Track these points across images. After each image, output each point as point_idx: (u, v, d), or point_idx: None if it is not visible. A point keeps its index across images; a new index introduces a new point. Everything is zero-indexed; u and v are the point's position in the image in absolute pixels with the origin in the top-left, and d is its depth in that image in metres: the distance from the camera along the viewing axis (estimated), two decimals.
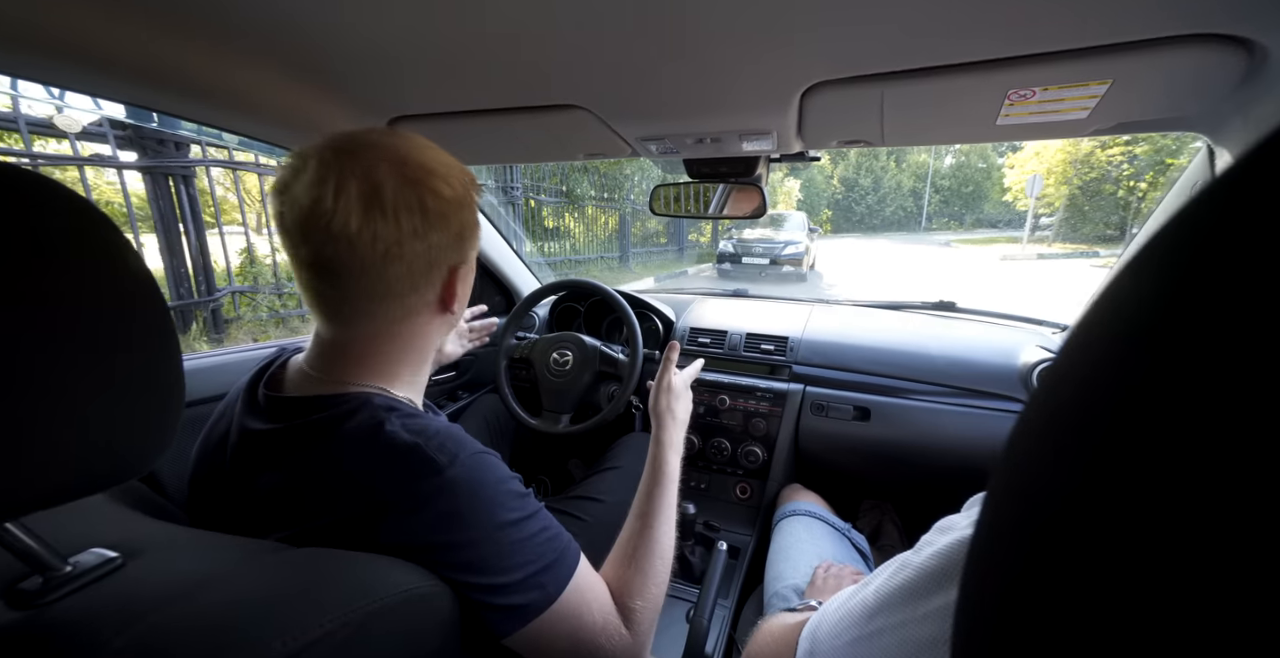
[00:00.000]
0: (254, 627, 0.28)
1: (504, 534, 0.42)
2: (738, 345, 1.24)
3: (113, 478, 0.29)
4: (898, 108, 0.58)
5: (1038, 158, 14.32)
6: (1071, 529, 0.11)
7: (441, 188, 0.45)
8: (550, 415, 1.12)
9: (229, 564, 0.33)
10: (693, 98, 0.62)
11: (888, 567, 0.37)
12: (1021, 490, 0.14)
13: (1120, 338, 0.12)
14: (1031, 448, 0.14)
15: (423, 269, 0.46)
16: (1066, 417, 0.12)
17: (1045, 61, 0.47)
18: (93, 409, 0.27)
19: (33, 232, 0.25)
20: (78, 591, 0.29)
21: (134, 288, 0.29)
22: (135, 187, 2.77)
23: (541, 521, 0.46)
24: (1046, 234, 16.91)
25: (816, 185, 29.44)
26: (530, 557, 0.43)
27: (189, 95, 0.63)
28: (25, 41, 0.48)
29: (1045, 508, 0.12)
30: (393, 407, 0.45)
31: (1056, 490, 0.12)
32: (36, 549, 0.28)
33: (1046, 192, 14.14)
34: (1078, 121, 0.56)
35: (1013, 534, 0.13)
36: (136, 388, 0.29)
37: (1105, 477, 0.11)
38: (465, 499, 0.41)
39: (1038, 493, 0.13)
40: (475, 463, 0.43)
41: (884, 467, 1.16)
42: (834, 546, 0.92)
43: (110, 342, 0.28)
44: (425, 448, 0.41)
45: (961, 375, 1.07)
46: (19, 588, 0.28)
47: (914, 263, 12.64)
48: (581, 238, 7.26)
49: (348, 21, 0.48)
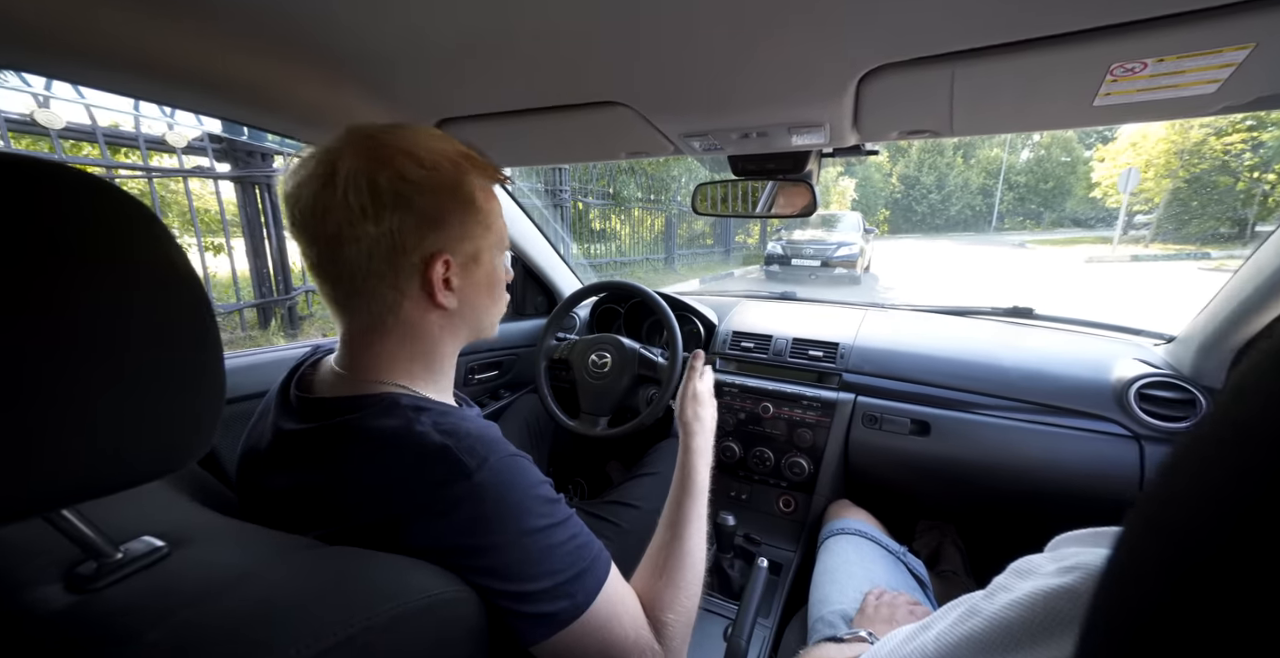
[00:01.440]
0: (275, 630, 0.28)
1: (531, 541, 0.41)
2: (783, 351, 1.18)
3: (156, 471, 0.30)
4: (971, 92, 0.52)
5: (1134, 149, 12.86)
6: (1241, 574, 0.10)
7: (406, 168, 0.43)
8: (588, 418, 1.11)
9: (263, 560, 0.34)
10: (737, 89, 0.58)
11: (952, 609, 0.32)
12: (1173, 528, 0.12)
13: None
14: (1198, 483, 0.12)
15: (384, 255, 0.44)
16: (1261, 449, 0.11)
17: (1164, 26, 0.39)
18: (140, 402, 0.28)
19: (81, 231, 0.26)
20: (126, 579, 0.30)
21: (179, 285, 0.30)
22: (230, 195, 3.07)
23: (571, 528, 0.44)
24: (1142, 233, 15.19)
25: (873, 184, 28.08)
26: (559, 565, 0.41)
27: (252, 104, 0.67)
28: (100, 54, 0.53)
29: (1199, 550, 0.11)
30: (421, 406, 0.45)
31: (1219, 532, 0.11)
32: (90, 536, 0.30)
33: (1144, 186, 12.69)
34: (1202, 97, 0.47)
35: (1155, 576, 0.12)
36: (180, 383, 0.30)
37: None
38: (493, 504, 0.40)
39: (1194, 533, 0.11)
40: (505, 466, 0.42)
41: (944, 486, 1.07)
42: (887, 570, 0.85)
43: (157, 336, 0.29)
44: (455, 450, 0.41)
45: (1039, 390, 0.96)
46: (76, 572, 0.30)
47: (983, 265, 11.70)
48: (627, 239, 7.30)
49: (394, 26, 0.49)
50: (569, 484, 1.31)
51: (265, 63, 0.57)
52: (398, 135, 0.45)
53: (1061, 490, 0.93)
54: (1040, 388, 0.96)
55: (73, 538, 0.29)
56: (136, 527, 0.34)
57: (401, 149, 0.44)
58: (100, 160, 2.51)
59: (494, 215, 0.51)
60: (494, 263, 0.53)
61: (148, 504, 0.38)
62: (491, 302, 0.54)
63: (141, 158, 2.66)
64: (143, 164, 2.67)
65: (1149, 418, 0.87)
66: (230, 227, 3.09)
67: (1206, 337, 0.87)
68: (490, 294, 0.53)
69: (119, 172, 2.60)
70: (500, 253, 0.54)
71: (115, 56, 0.53)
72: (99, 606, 0.29)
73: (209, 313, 0.31)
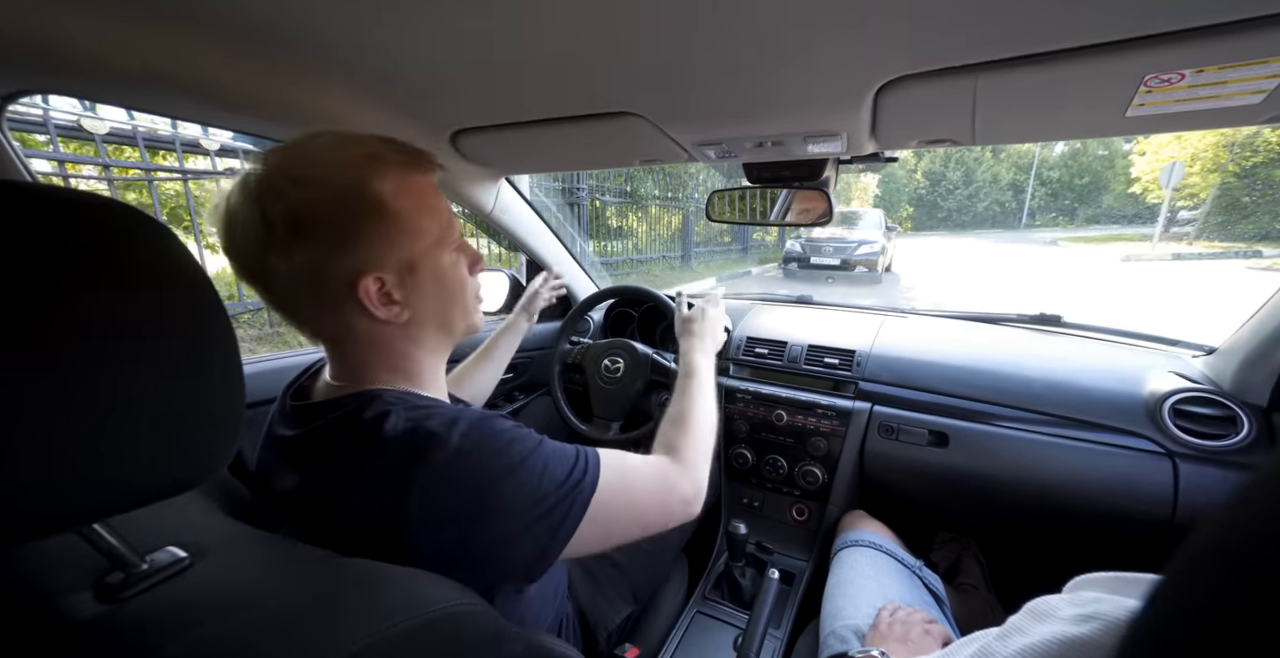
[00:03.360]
0: (291, 644, 0.29)
1: (527, 471, 0.43)
2: (798, 358, 1.16)
3: (183, 484, 0.31)
4: (994, 102, 0.50)
5: (1179, 141, 12.22)
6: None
7: (291, 194, 0.40)
8: (601, 422, 1.12)
9: (281, 572, 0.35)
10: (751, 100, 0.58)
11: (965, 647, 0.31)
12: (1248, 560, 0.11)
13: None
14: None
15: (308, 286, 0.42)
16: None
17: (1203, 37, 0.37)
18: (168, 418, 0.29)
19: (97, 250, 0.27)
20: (150, 589, 0.31)
21: (205, 304, 0.31)
22: None
23: (548, 447, 0.46)
24: (1185, 231, 14.43)
25: (897, 180, 27.40)
26: (560, 474, 0.44)
27: (274, 120, 0.69)
28: (135, 77, 0.55)
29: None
30: (401, 400, 0.45)
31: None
32: (118, 548, 0.31)
33: (1189, 180, 12.02)
34: (1246, 108, 0.45)
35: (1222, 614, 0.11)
36: (203, 397, 0.31)
37: None
38: (479, 457, 0.42)
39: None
40: (476, 424, 0.44)
41: (963, 500, 1.04)
42: (902, 585, 0.83)
43: (176, 349, 0.30)
44: (426, 426, 0.42)
45: (1065, 403, 0.93)
46: (105, 582, 0.32)
47: (1011, 264, 11.32)
48: (644, 237, 7.30)
49: (411, 43, 0.50)
50: None
51: (289, 81, 0.59)
52: (285, 155, 0.42)
53: (1089, 508, 0.90)
54: (1067, 401, 0.93)
55: (101, 550, 0.31)
56: (160, 535, 0.36)
57: (284, 173, 0.41)
58: (140, 163, 2.62)
59: (420, 216, 0.46)
60: (439, 263, 0.49)
61: (172, 511, 0.40)
62: (449, 301, 0.51)
63: (178, 160, 2.78)
64: (179, 166, 2.78)
65: (1185, 435, 0.83)
66: None
67: (1252, 349, 0.82)
68: (446, 295, 0.50)
69: (157, 174, 2.72)
70: (446, 249, 0.49)
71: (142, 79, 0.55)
72: (125, 616, 0.30)
73: (228, 325, 0.33)
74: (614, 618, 0.81)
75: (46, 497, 0.26)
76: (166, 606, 0.31)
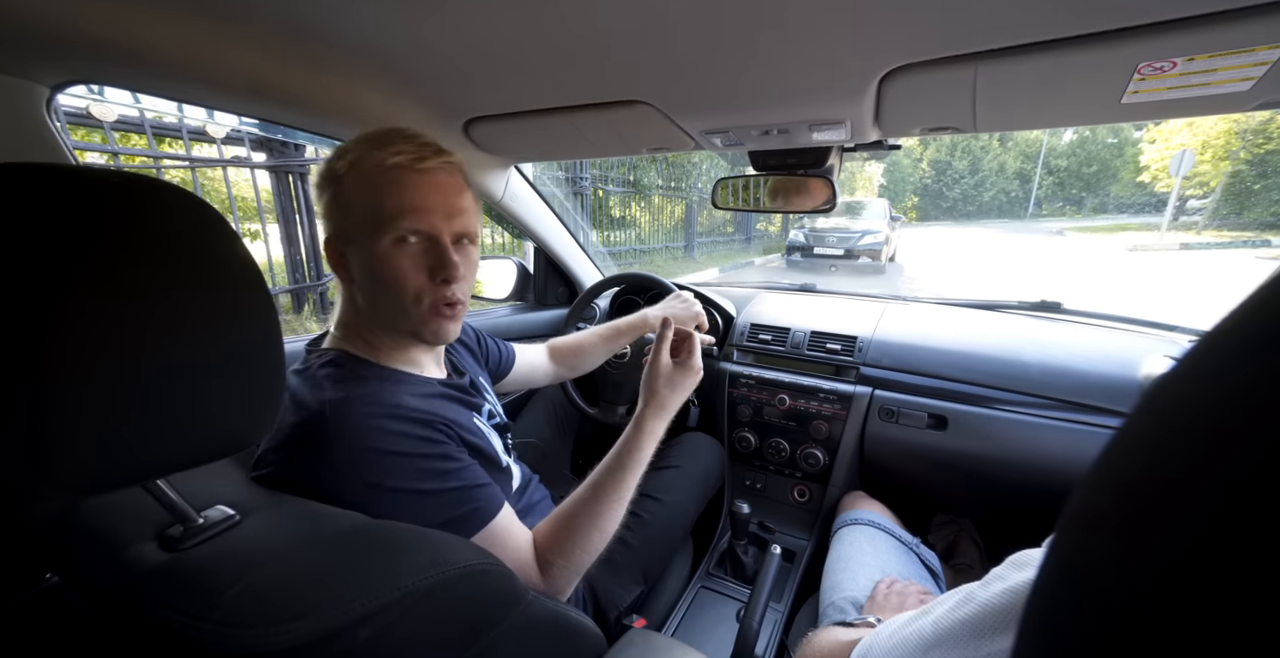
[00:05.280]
0: (336, 589, 0.32)
1: (397, 496, 0.48)
2: (801, 344, 1.19)
3: (233, 446, 0.34)
4: (994, 90, 0.52)
5: (1190, 128, 12.00)
6: (1207, 575, 0.09)
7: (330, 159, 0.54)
8: (607, 406, 1.15)
9: (317, 530, 0.38)
10: (758, 88, 0.59)
11: (951, 597, 0.34)
12: (1120, 524, 0.12)
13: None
14: (1142, 473, 0.12)
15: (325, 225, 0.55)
16: (1201, 435, 0.10)
17: (1193, 26, 0.39)
18: (227, 386, 0.32)
19: (158, 232, 0.30)
20: (206, 541, 0.35)
21: (243, 274, 0.34)
22: (265, 182, 3.18)
23: (448, 481, 0.51)
24: (1194, 220, 14.22)
25: (902, 169, 27.08)
26: (431, 515, 0.49)
27: (291, 107, 0.71)
28: (164, 65, 0.57)
29: (1163, 546, 0.10)
30: (341, 363, 0.53)
31: (1182, 526, 0.10)
32: (178, 502, 0.34)
33: (1199, 169, 11.82)
34: (1236, 95, 0.46)
35: (1106, 575, 0.11)
36: (253, 368, 0.34)
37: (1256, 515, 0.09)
38: (358, 461, 0.47)
39: (1149, 528, 0.11)
40: (371, 427, 0.48)
41: (961, 481, 1.07)
42: (899, 560, 0.86)
43: (226, 325, 0.32)
44: (327, 412, 0.48)
45: (1061, 387, 0.95)
46: (167, 534, 0.35)
47: (1016, 254, 11.23)
48: (647, 227, 7.27)
49: (426, 33, 0.52)
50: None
51: (308, 71, 0.61)
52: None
53: None
54: (1063, 384, 0.95)
55: (164, 504, 0.34)
56: (211, 496, 0.39)
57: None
58: (148, 151, 2.63)
59: (355, 192, 0.49)
60: (371, 248, 0.50)
61: (215, 476, 0.43)
62: (379, 291, 0.52)
63: (185, 148, 2.79)
64: (186, 154, 2.79)
65: None
66: (265, 214, 3.21)
67: None
68: (376, 283, 0.51)
69: (164, 161, 2.73)
70: (381, 235, 0.49)
71: (173, 67, 0.57)
72: (187, 563, 0.33)
73: (271, 305, 0.35)
74: (625, 598, 0.84)
75: (125, 453, 0.29)
76: (222, 556, 0.34)
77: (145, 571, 0.33)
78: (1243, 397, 0.10)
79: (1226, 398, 0.10)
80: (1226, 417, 0.10)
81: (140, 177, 0.31)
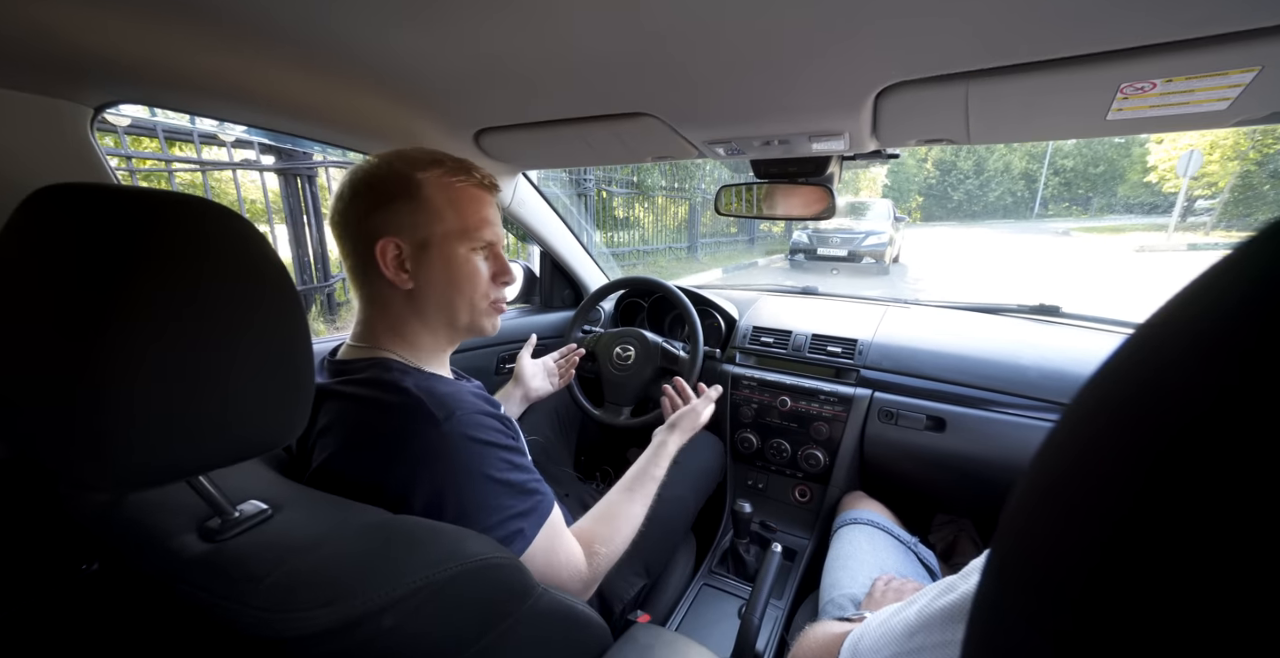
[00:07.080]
0: (364, 577, 0.35)
1: (491, 485, 0.51)
2: (802, 346, 1.21)
3: (269, 445, 0.37)
4: (985, 106, 0.54)
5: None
6: (1136, 558, 0.09)
7: (367, 169, 0.57)
8: (612, 407, 1.17)
9: (345, 523, 0.41)
10: (760, 102, 0.61)
11: (934, 588, 0.36)
12: (1057, 515, 0.12)
13: (1205, 340, 0.10)
14: (1064, 476, 0.12)
15: (350, 242, 0.56)
16: (1122, 430, 0.11)
17: (1170, 50, 0.41)
18: (263, 388, 0.35)
19: (199, 247, 0.32)
20: (243, 533, 0.37)
21: (284, 284, 0.36)
22: (274, 185, 3.23)
23: (525, 474, 0.55)
24: (1202, 220, 14.09)
25: (907, 170, 26.98)
26: (512, 503, 0.52)
27: (315, 121, 0.74)
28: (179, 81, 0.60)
29: (1093, 534, 0.11)
30: (406, 370, 0.54)
31: (1106, 516, 0.10)
32: (217, 497, 0.37)
33: (1208, 169, 11.69)
34: (1215, 113, 0.48)
35: (1034, 571, 0.12)
36: (285, 372, 0.36)
37: (1165, 505, 0.09)
38: (457, 452, 0.50)
39: (1082, 519, 0.11)
40: (470, 420, 0.51)
41: (959, 482, 1.09)
42: (897, 559, 0.88)
43: (260, 330, 0.35)
44: (428, 404, 0.50)
45: (1059, 390, 0.97)
46: (206, 526, 0.37)
47: (1021, 255, 11.17)
48: (650, 228, 7.30)
49: (443, 53, 0.54)
50: (596, 472, 1.38)
51: (336, 89, 0.63)
52: (382, 152, 0.57)
53: None
54: (1060, 387, 0.97)
55: (204, 498, 0.37)
56: (244, 492, 0.41)
57: (372, 159, 0.56)
58: (160, 154, 2.68)
59: (445, 207, 0.56)
60: (453, 251, 0.57)
61: (247, 474, 0.46)
62: (454, 288, 0.58)
63: (196, 151, 2.83)
64: (197, 157, 2.84)
65: None
66: (273, 215, 3.26)
67: None
68: (452, 281, 0.58)
69: (175, 164, 2.78)
70: (464, 243, 0.58)
71: (208, 87, 0.60)
72: (228, 553, 0.36)
73: (301, 310, 0.38)
74: (628, 591, 0.87)
75: (174, 451, 0.31)
76: (259, 546, 0.37)
77: (188, 559, 0.35)
78: (1140, 399, 0.11)
79: (1133, 398, 0.11)
80: (1131, 418, 0.11)
81: (179, 195, 0.34)
